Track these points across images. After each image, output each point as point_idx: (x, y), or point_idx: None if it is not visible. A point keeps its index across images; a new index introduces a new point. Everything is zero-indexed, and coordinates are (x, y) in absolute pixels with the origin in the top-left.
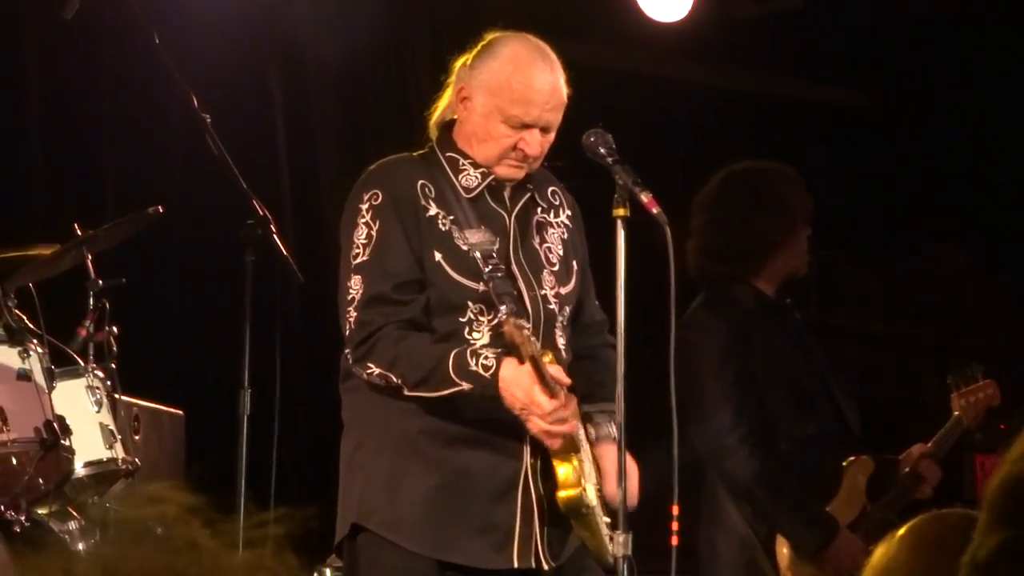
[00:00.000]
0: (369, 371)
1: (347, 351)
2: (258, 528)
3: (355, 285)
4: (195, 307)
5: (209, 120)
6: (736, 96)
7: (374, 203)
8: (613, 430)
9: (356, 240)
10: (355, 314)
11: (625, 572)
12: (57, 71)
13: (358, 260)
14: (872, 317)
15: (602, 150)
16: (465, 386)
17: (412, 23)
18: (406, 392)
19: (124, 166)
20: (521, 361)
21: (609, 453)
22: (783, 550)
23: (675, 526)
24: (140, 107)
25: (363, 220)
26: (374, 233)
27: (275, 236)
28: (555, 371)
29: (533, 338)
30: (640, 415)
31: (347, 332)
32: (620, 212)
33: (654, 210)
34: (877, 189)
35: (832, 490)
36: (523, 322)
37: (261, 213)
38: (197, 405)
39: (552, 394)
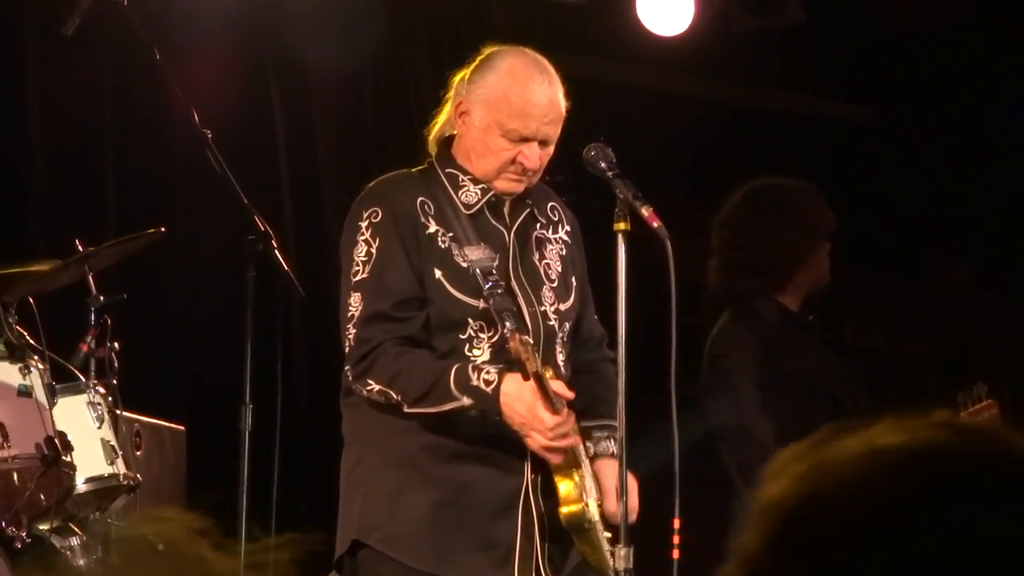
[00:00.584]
0: (369, 388)
1: (347, 368)
2: (265, 552)
3: (355, 302)
4: (196, 323)
5: (210, 136)
6: (737, 110)
7: (374, 220)
8: (612, 446)
9: (356, 257)
10: (354, 331)
11: None
12: (58, 86)
13: (358, 277)
14: (874, 332)
15: (603, 164)
16: (466, 401)
17: (413, 38)
18: (406, 409)
19: (125, 182)
20: (526, 377)
21: (608, 469)
22: None
23: (676, 539)
24: (141, 123)
25: (363, 238)
26: (374, 250)
27: (276, 251)
28: (557, 386)
29: (537, 353)
30: (641, 428)
31: (347, 349)
32: (621, 226)
33: (655, 224)
34: (879, 204)
35: None
36: (528, 338)
37: (262, 228)
38: (198, 420)
39: (555, 410)
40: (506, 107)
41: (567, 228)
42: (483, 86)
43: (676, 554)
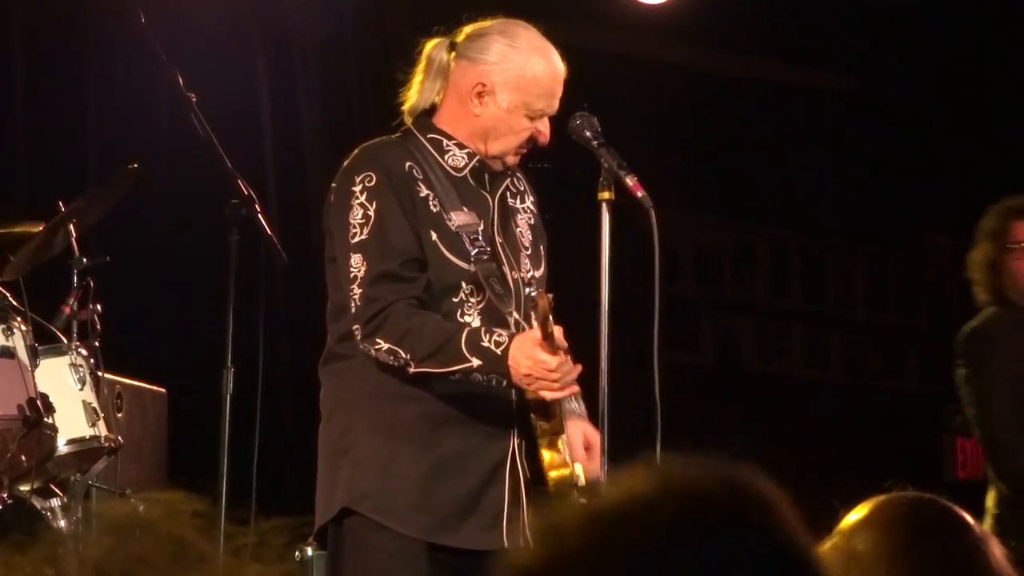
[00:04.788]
0: (378, 347)
1: (355, 327)
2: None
3: (356, 263)
4: (179, 286)
5: (194, 100)
6: (722, 79)
7: (368, 184)
8: (576, 405)
9: (352, 221)
10: (360, 291)
11: None
12: (42, 51)
13: (356, 239)
14: (856, 304)
15: (588, 133)
16: (475, 362)
17: (398, 4)
18: (412, 368)
19: (109, 145)
20: (545, 336)
21: (575, 427)
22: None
23: None
24: (125, 87)
25: (358, 201)
26: (371, 213)
27: (260, 216)
28: (558, 333)
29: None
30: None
31: (352, 309)
32: (605, 195)
33: (639, 193)
34: (862, 174)
35: None
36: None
37: (246, 193)
38: (180, 384)
39: (554, 352)
40: (536, 88)
41: (531, 198)
42: (507, 66)
43: None
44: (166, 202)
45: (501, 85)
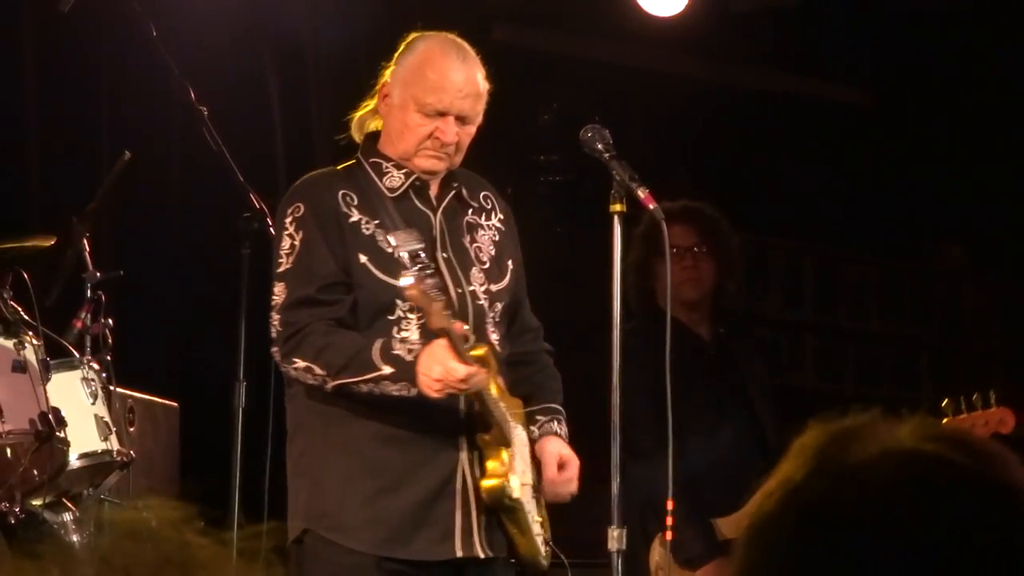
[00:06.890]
0: (295, 366)
1: (274, 349)
2: (254, 539)
3: (278, 291)
4: (191, 300)
5: (206, 113)
6: (733, 91)
7: (296, 215)
8: (556, 427)
9: (280, 251)
10: (279, 316)
11: (620, 567)
12: (54, 64)
13: (280, 268)
14: (870, 315)
15: (599, 145)
16: (386, 370)
17: (409, 18)
18: (330, 384)
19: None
20: (430, 326)
21: (550, 445)
22: (657, 545)
23: (670, 520)
24: (137, 100)
25: (286, 232)
26: (296, 243)
27: (271, 229)
28: (458, 326)
29: (447, 312)
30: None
31: (273, 335)
32: (617, 208)
33: (651, 205)
34: (875, 186)
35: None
36: (434, 291)
37: (258, 206)
38: (192, 397)
39: (465, 361)
40: (422, 82)
41: (501, 216)
42: (402, 67)
43: (669, 535)
44: (178, 215)
45: (394, 84)
